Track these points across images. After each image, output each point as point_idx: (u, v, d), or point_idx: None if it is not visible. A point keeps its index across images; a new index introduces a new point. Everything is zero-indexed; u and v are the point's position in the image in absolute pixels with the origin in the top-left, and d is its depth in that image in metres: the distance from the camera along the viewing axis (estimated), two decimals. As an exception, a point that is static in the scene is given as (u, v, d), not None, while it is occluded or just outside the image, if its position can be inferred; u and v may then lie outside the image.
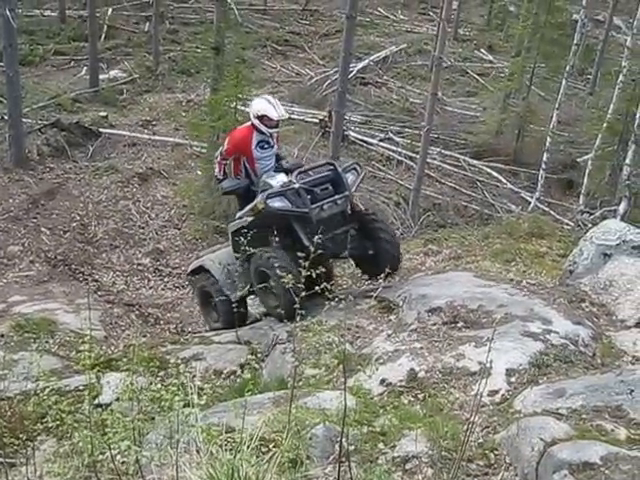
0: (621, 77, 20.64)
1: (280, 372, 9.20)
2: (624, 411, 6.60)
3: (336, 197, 10.56)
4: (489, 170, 23.42)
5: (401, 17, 35.59)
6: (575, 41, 22.45)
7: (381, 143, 24.04)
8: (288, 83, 28.36)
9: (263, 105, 10.77)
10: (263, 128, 10.75)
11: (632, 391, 6.79)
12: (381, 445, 6.63)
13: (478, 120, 26.48)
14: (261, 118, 10.69)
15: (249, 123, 11.02)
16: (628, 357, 8.56)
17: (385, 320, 9.76)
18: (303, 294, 5.88)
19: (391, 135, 24.50)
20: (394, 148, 23.71)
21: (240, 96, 17.77)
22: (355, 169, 11.12)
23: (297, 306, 5.76)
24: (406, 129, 25.01)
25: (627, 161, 18.63)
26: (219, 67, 19.07)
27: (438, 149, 23.87)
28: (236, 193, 11.14)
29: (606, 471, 5.58)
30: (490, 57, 31.92)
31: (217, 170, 11.28)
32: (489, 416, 7.16)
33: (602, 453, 5.77)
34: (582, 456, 5.76)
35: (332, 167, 10.95)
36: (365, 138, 23.99)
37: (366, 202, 18.21)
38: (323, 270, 6.47)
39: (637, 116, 18.39)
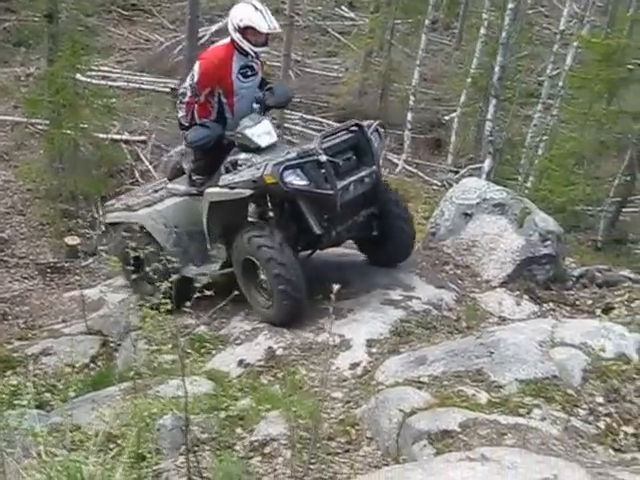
0: (482, 30, 21.16)
1: (134, 361, 9.14)
2: (485, 374, 6.81)
3: (363, 173, 8.70)
4: (354, 133, 23.53)
5: (255, -26, 35.37)
6: (435, -6, 22.89)
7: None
8: (137, 50, 27.84)
9: (248, 13, 8.63)
10: (246, 45, 8.72)
11: (492, 353, 7.01)
12: (239, 430, 6.69)
13: (340, 81, 26.61)
14: (244, 31, 8.66)
15: (227, 40, 8.97)
16: (494, 318, 8.87)
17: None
18: None
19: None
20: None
21: (79, 67, 17.44)
22: (377, 131, 9.16)
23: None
24: (264, 94, 24.88)
25: (489, 116, 19.10)
26: (54, 36, 18.47)
27: (299, 114, 23.92)
28: (207, 146, 9.00)
29: (464, 437, 5.76)
30: (351, 14, 32.01)
31: (182, 113, 9.10)
32: (350, 390, 7.30)
33: (460, 420, 5.96)
34: (440, 424, 5.94)
35: (358, 128, 8.90)
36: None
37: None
38: None
39: (496, 69, 18.84)
